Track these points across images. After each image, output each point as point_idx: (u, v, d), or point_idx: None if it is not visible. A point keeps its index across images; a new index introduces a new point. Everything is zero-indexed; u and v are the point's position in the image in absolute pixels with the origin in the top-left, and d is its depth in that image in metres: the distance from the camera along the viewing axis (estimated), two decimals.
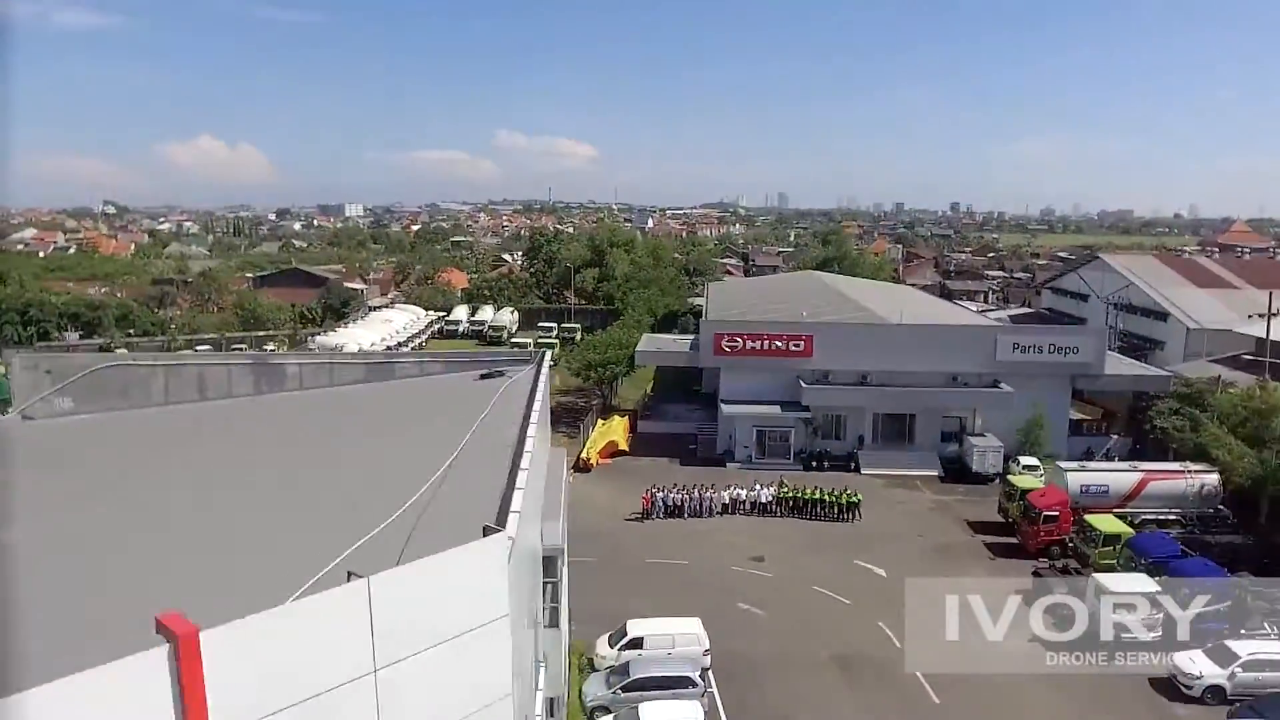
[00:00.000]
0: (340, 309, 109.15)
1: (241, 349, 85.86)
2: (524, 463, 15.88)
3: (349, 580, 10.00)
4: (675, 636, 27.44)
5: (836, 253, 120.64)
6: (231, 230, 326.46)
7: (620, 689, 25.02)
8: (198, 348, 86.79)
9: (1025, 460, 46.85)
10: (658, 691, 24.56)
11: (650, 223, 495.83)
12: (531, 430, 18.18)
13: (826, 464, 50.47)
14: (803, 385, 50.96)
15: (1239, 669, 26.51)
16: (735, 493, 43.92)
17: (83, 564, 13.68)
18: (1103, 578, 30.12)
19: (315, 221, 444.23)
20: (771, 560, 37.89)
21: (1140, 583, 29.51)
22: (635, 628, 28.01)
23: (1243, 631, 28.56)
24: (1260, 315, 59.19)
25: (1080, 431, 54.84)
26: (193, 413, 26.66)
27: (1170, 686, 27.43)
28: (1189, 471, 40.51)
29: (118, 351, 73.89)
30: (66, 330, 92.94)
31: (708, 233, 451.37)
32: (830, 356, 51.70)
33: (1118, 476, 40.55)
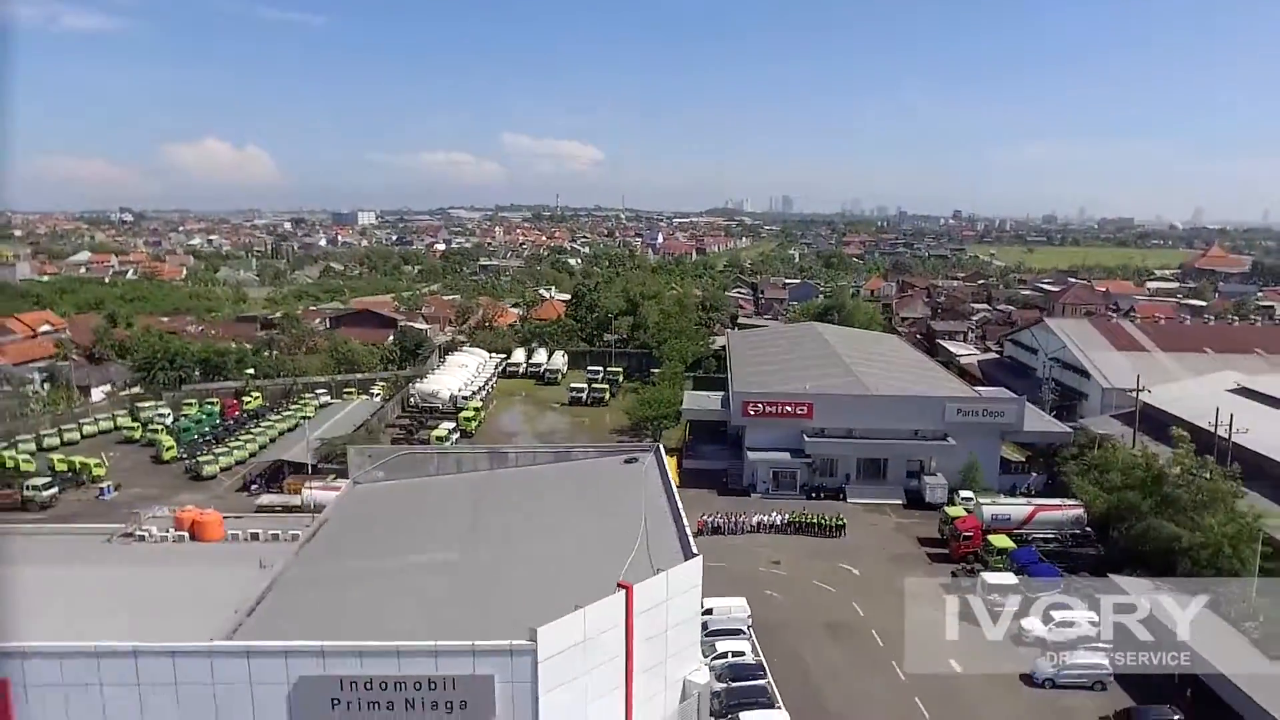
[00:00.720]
0: (415, 350, 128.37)
1: (351, 393, 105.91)
2: (682, 524, 35.89)
3: (656, 573, 29.91)
4: (731, 607, 46.99)
5: (835, 303, 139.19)
6: (270, 251, 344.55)
7: (704, 634, 44.74)
8: (316, 390, 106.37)
9: (964, 494, 66.61)
10: (727, 640, 43.76)
11: (660, 237, 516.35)
12: (678, 496, 38.19)
13: (823, 495, 70.35)
14: (805, 438, 70.91)
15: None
16: (759, 517, 63.75)
17: (462, 573, 33.74)
18: (986, 575, 50.00)
19: (339, 238, 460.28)
20: (785, 564, 57.73)
21: (1007, 578, 49.36)
22: (707, 602, 47.72)
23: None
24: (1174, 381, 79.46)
25: (1010, 470, 74.49)
26: (460, 482, 46.92)
27: (1018, 638, 47.17)
28: (1064, 505, 60.30)
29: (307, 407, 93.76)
30: (196, 373, 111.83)
31: (716, 248, 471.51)
32: (825, 417, 71.66)
33: (1016, 509, 60.38)
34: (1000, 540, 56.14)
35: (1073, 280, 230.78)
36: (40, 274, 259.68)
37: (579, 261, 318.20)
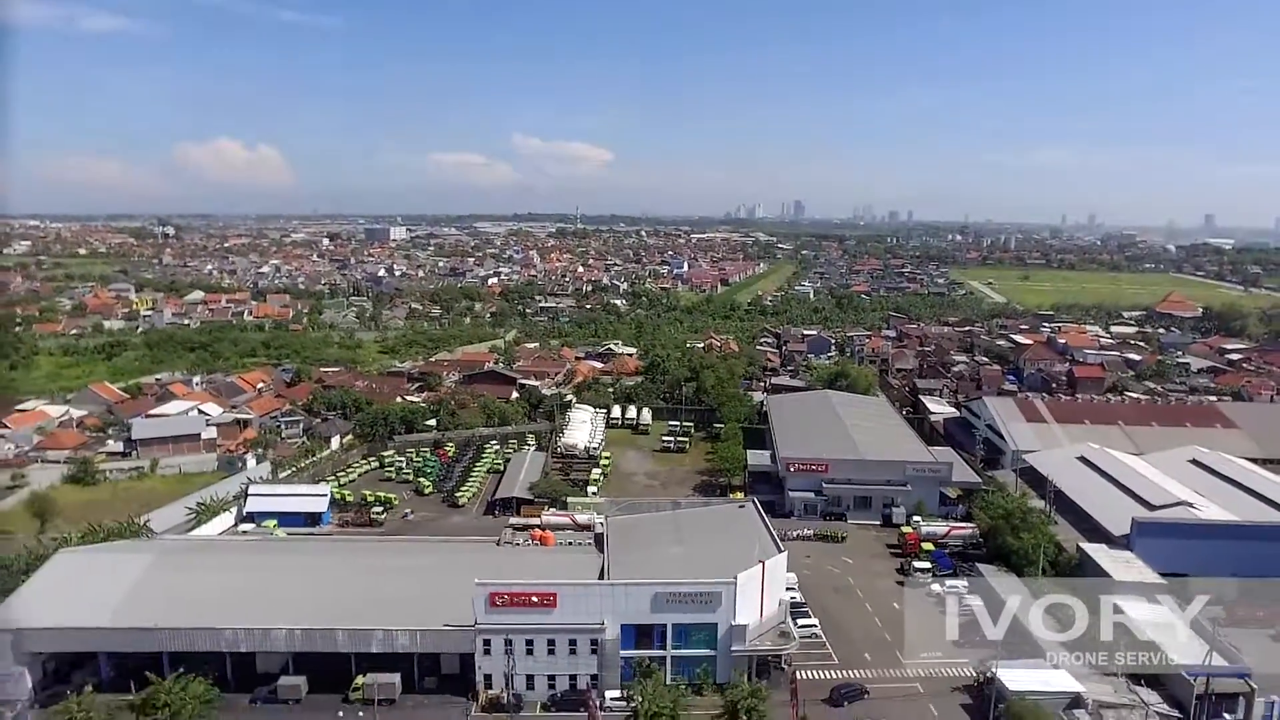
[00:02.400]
0: (537, 406, 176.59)
1: (514, 442, 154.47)
2: (774, 537, 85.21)
3: (764, 561, 79.17)
4: (788, 579, 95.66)
5: (841, 370, 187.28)
6: (350, 289, 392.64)
7: None
8: (489, 441, 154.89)
9: (915, 518, 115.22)
10: (788, 593, 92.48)
11: (685, 265, 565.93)
12: (774, 527, 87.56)
13: (832, 518, 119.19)
14: (823, 484, 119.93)
15: (945, 585, 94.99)
16: (796, 531, 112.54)
17: (691, 554, 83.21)
18: (916, 563, 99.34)
19: (395, 269, 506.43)
20: (813, 559, 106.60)
21: (926, 564, 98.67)
22: None
23: (961, 577, 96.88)
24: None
25: (947, 502, 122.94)
26: (663, 515, 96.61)
27: (928, 591, 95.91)
28: (966, 527, 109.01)
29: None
30: (400, 428, 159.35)
31: (737, 277, 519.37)
32: (835, 470, 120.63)
33: (939, 529, 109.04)
34: (928, 547, 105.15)
35: (1042, 330, 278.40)
36: (171, 311, 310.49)
37: (623, 302, 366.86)
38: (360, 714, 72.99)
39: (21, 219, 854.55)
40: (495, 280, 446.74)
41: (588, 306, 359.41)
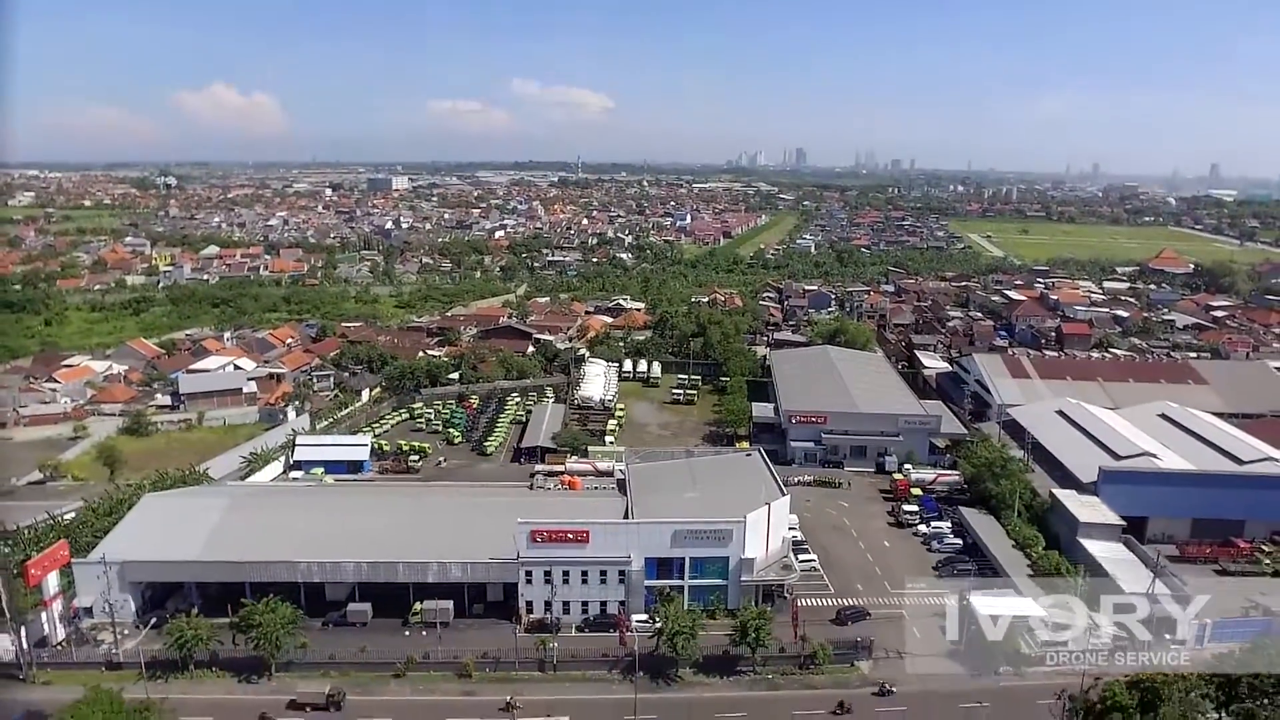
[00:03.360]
0: (553, 360, 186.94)
1: (534, 394, 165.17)
2: (778, 483, 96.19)
3: (773, 500, 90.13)
4: (787, 519, 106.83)
5: (840, 326, 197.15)
6: (361, 243, 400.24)
7: None
8: (511, 394, 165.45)
9: (906, 466, 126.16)
10: (790, 532, 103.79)
11: (688, 217, 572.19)
12: (778, 473, 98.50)
13: (830, 466, 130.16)
14: (822, 434, 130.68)
15: (929, 527, 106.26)
16: (798, 478, 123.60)
17: (705, 497, 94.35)
18: (905, 505, 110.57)
19: (402, 221, 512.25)
20: (812, 502, 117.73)
21: (914, 506, 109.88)
22: None
23: (945, 519, 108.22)
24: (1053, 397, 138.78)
25: (936, 452, 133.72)
26: (678, 462, 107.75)
27: (915, 530, 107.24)
28: (952, 474, 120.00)
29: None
30: (424, 381, 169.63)
31: (740, 229, 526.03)
32: (834, 423, 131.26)
33: (927, 475, 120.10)
34: (916, 491, 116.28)
35: (1036, 286, 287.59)
36: (190, 266, 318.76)
37: (629, 256, 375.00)
38: (424, 634, 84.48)
39: (19, 169, 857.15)
40: (501, 233, 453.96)
41: (594, 260, 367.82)
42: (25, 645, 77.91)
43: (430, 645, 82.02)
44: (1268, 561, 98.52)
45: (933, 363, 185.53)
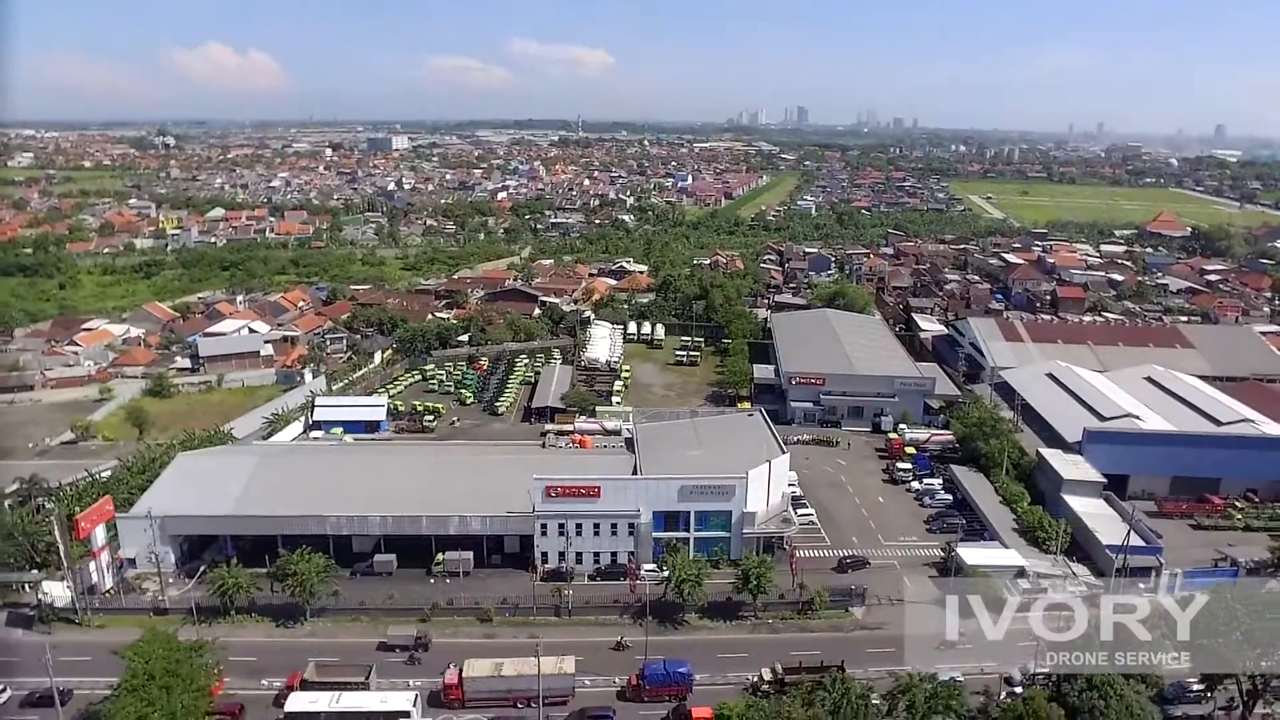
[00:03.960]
0: (559, 322, 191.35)
1: (541, 356, 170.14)
2: (778, 441, 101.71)
3: (771, 459, 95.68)
4: (787, 476, 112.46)
5: (840, 290, 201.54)
6: (365, 205, 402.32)
7: None
8: (519, 356, 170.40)
9: (901, 426, 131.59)
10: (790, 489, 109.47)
11: (689, 178, 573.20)
12: (778, 432, 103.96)
13: (828, 425, 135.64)
14: (821, 395, 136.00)
15: (921, 482, 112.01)
16: (796, 437, 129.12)
17: (708, 455, 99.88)
18: (899, 464, 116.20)
19: (404, 182, 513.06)
20: (811, 460, 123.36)
21: (908, 465, 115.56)
22: None
23: (930, 476, 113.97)
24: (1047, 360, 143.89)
25: (930, 412, 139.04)
26: (683, 422, 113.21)
27: (908, 486, 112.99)
28: (945, 433, 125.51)
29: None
30: (434, 344, 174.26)
31: (740, 190, 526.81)
32: (832, 384, 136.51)
33: (920, 435, 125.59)
34: (910, 449, 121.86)
35: (1034, 249, 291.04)
36: (197, 229, 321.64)
37: (631, 218, 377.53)
38: (447, 582, 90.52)
39: (15, 128, 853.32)
40: (504, 195, 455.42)
41: (597, 222, 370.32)
42: (79, 592, 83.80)
43: (453, 593, 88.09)
44: (1239, 517, 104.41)
45: (930, 326, 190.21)
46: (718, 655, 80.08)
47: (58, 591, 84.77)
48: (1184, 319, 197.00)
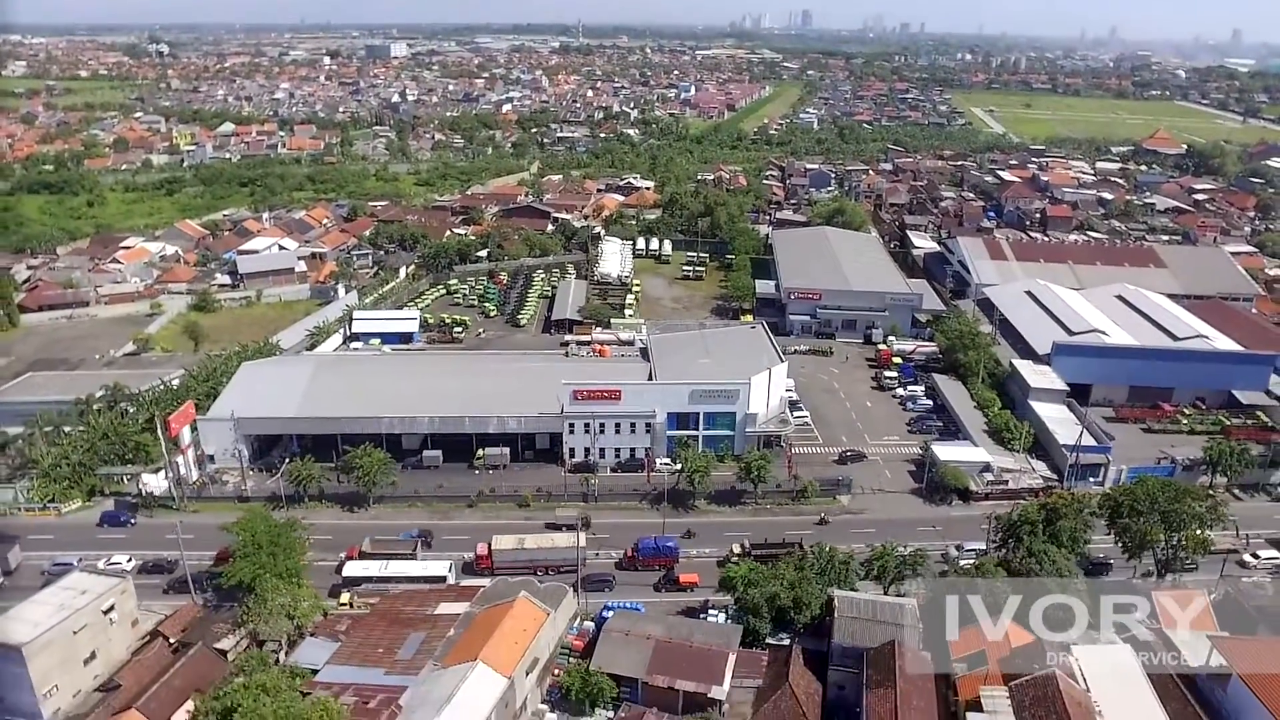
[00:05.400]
0: (571, 238, 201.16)
1: (557, 271, 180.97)
2: (777, 351, 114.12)
3: (771, 368, 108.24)
4: (785, 382, 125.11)
5: (839, 207, 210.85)
6: (373, 119, 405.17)
7: None
8: (536, 270, 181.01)
9: (890, 338, 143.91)
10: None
11: (692, 88, 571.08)
12: (777, 343, 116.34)
13: (823, 337, 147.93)
14: (818, 310, 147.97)
15: (905, 388, 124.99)
16: (794, 348, 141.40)
17: (718, 362, 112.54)
18: (886, 371, 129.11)
19: (408, 93, 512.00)
20: (807, 368, 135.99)
21: (893, 372, 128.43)
22: None
23: (913, 383, 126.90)
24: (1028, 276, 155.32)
25: (918, 325, 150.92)
26: (694, 333, 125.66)
27: (892, 390, 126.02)
28: (929, 345, 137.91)
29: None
30: (455, 259, 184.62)
31: (743, 102, 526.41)
32: (828, 299, 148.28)
33: (907, 346, 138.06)
34: (897, 359, 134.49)
35: (1030, 166, 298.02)
36: (211, 145, 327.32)
37: (636, 132, 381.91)
38: (489, 473, 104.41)
39: (2, 32, 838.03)
40: (509, 107, 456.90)
41: (602, 136, 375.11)
42: (174, 482, 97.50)
43: (494, 483, 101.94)
44: (1185, 422, 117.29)
45: (922, 242, 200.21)
46: (723, 534, 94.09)
47: (155, 482, 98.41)
48: (1165, 238, 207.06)
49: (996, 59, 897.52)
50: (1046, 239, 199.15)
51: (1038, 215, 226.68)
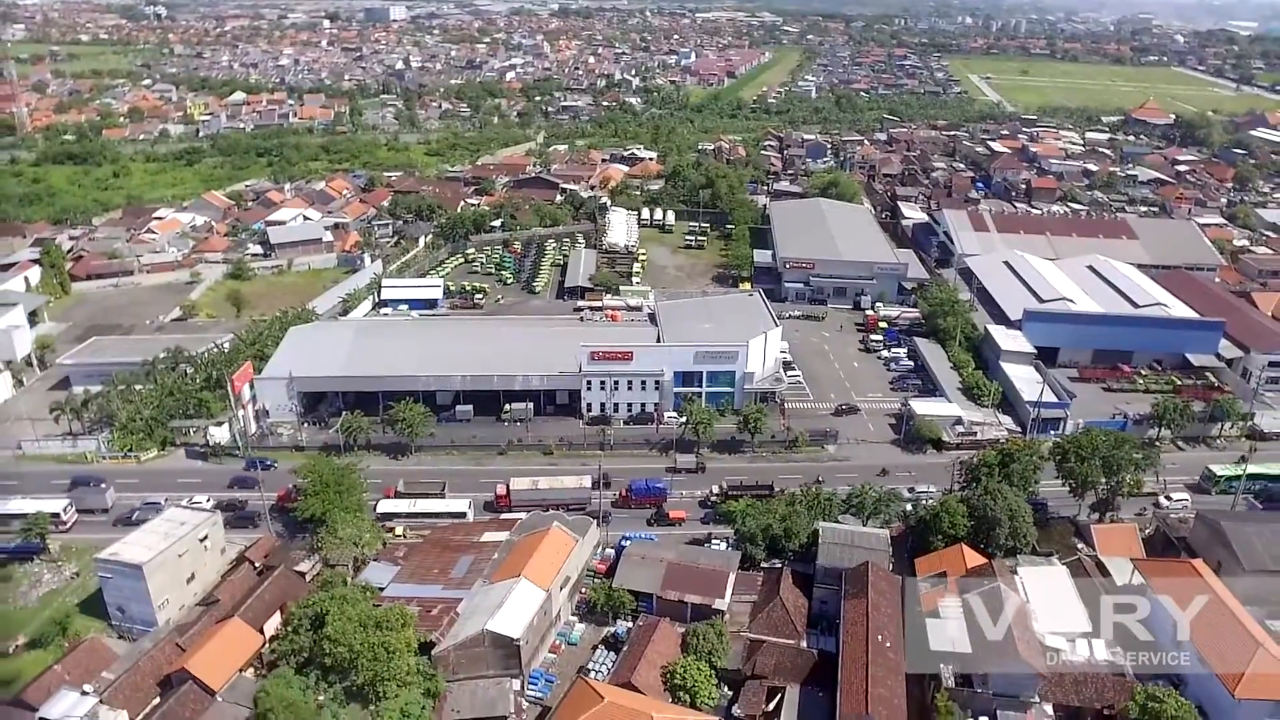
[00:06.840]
0: (579, 208, 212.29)
1: (567, 240, 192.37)
2: (773, 316, 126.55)
3: (767, 332, 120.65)
4: (779, 344, 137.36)
5: (834, 179, 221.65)
6: (380, 88, 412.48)
7: None
8: (548, 240, 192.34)
9: (877, 304, 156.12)
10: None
11: (692, 54, 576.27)
12: (773, 309, 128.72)
13: (816, 303, 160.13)
14: (811, 279, 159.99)
15: (888, 350, 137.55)
16: (789, 312, 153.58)
17: (718, 324, 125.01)
18: (872, 336, 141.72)
19: (412, 60, 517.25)
20: (800, 332, 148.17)
21: (879, 336, 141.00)
22: None
23: (896, 346, 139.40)
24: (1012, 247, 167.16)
25: (904, 292, 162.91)
26: (694, 300, 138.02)
27: (878, 353, 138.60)
28: (912, 311, 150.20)
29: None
30: (471, 229, 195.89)
31: (743, 69, 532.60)
32: (821, 268, 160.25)
33: (892, 311, 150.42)
34: (883, 324, 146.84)
35: (1020, 137, 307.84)
36: (224, 115, 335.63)
37: (638, 100, 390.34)
38: (516, 425, 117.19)
39: None
40: (512, 75, 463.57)
41: (605, 104, 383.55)
42: (239, 434, 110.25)
43: (520, 434, 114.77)
44: (1142, 382, 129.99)
45: (912, 213, 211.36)
46: (725, 479, 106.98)
47: (220, 434, 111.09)
48: (1142, 209, 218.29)
49: (997, 22, 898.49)
50: (1028, 211, 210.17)
51: (1023, 186, 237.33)
